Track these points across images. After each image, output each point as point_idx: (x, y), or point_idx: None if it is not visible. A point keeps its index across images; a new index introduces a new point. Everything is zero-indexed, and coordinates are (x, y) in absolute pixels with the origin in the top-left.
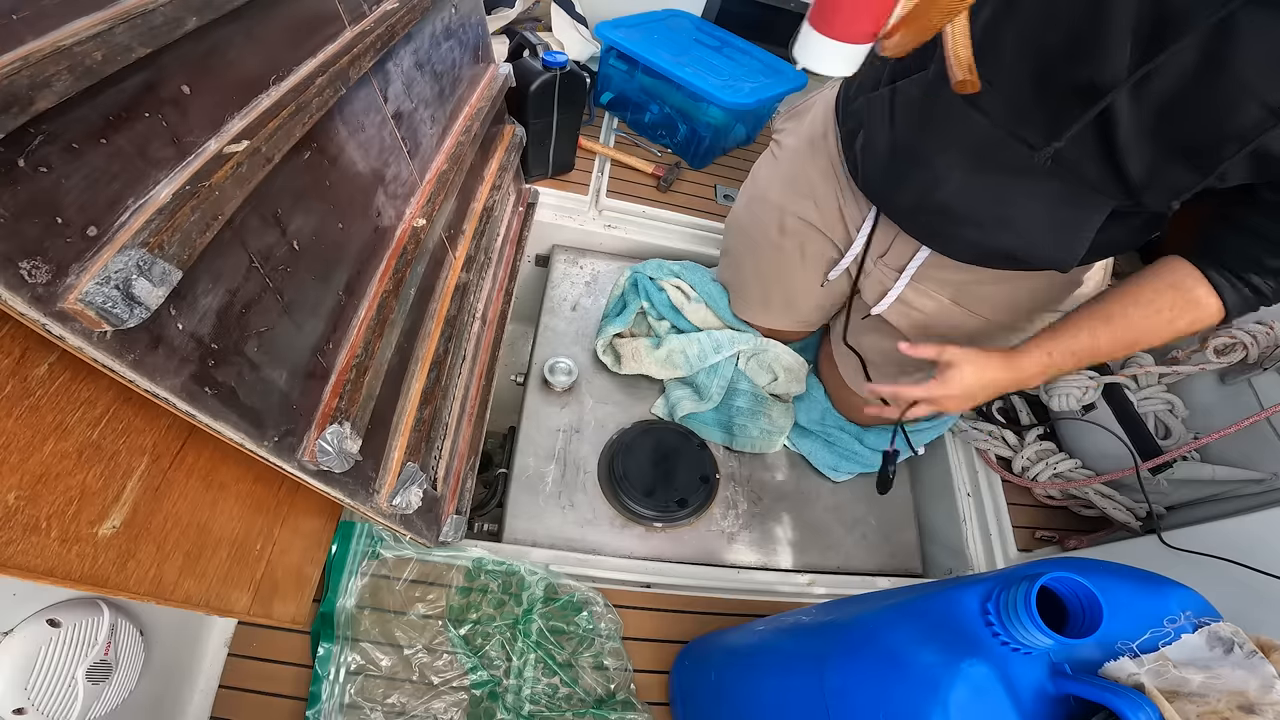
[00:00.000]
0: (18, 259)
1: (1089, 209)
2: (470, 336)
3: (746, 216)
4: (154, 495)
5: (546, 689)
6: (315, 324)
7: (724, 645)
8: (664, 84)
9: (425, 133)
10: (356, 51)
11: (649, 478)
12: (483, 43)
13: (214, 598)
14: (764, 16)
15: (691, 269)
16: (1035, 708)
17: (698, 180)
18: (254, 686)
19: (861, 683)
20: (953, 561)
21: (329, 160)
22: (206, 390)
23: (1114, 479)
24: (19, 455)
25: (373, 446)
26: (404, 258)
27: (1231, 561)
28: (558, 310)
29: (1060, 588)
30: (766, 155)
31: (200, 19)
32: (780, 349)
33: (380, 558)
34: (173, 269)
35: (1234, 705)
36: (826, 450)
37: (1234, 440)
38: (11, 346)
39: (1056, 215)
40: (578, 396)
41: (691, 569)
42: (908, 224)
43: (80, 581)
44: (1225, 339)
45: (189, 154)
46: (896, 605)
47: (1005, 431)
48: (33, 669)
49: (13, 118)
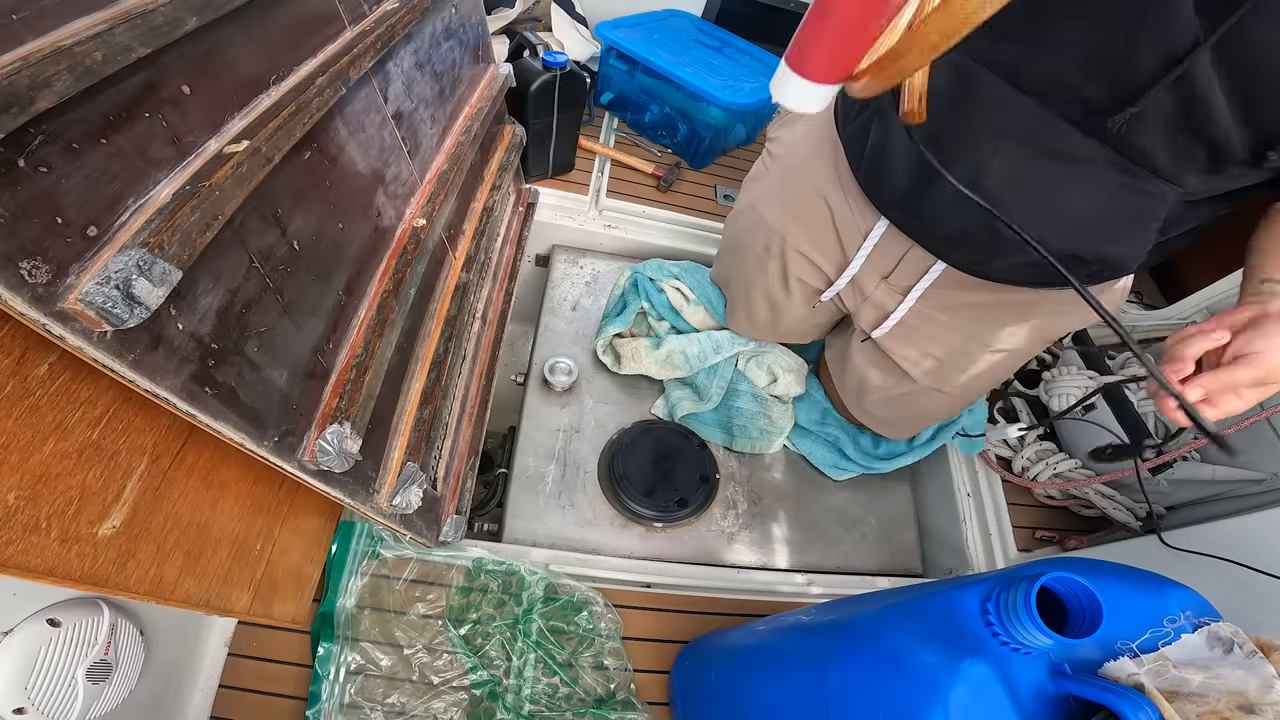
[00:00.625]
0: (18, 259)
1: (1152, 198)
2: (470, 336)
3: (738, 224)
4: (154, 495)
5: (546, 689)
6: (315, 324)
7: (724, 645)
8: (664, 84)
9: (425, 133)
10: (356, 51)
11: (649, 478)
12: (483, 43)
13: (214, 597)
14: (764, 16)
15: (691, 270)
16: (1035, 708)
17: (698, 180)
18: (254, 686)
19: (861, 682)
20: (953, 561)
21: (329, 160)
22: (206, 390)
23: (1114, 479)
24: (19, 455)
25: (373, 446)
26: (404, 258)
27: (1231, 561)
28: (558, 310)
29: (1060, 588)
30: (759, 164)
31: (200, 19)
32: (780, 351)
33: (380, 557)
34: (173, 269)
35: (1234, 705)
36: (826, 450)
37: (1234, 440)
38: (11, 346)
39: (1121, 204)
40: (578, 396)
41: (691, 569)
42: (933, 229)
43: (80, 581)
44: None
45: (189, 154)
46: (896, 605)
47: None
48: (33, 669)
49: (13, 118)
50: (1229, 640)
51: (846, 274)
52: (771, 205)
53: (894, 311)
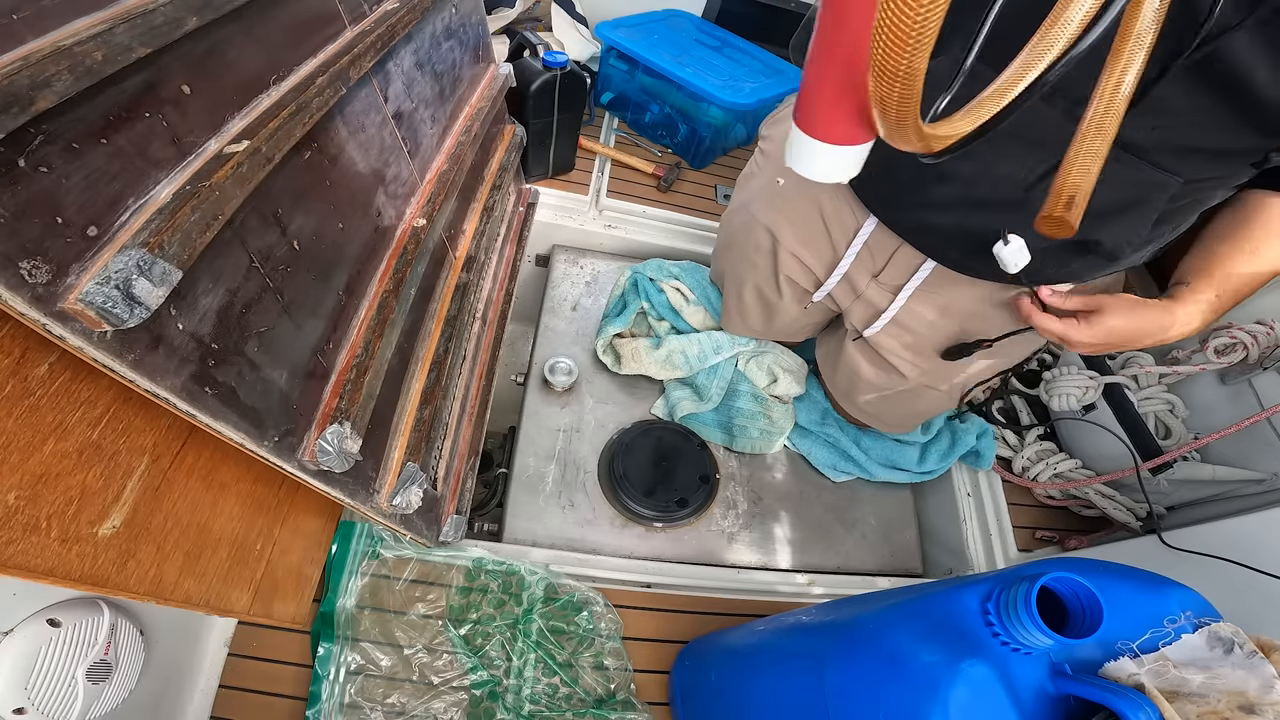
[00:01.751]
0: (18, 259)
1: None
2: (470, 336)
3: (732, 223)
4: (154, 495)
5: (546, 689)
6: (315, 324)
7: (724, 645)
8: (664, 84)
9: (425, 133)
10: (357, 51)
11: (649, 478)
12: (483, 43)
13: (214, 597)
14: (764, 16)
15: (691, 270)
16: (1035, 708)
17: (698, 180)
18: (254, 686)
19: (861, 682)
20: (953, 561)
21: (329, 160)
22: (206, 390)
23: (1114, 479)
24: (19, 455)
25: (373, 446)
26: (404, 258)
27: (1231, 561)
28: (558, 310)
29: (1060, 588)
30: (751, 163)
31: (200, 19)
32: (780, 351)
33: (380, 558)
34: (173, 269)
35: (1234, 705)
36: (826, 450)
37: (1234, 440)
38: (11, 346)
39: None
40: (578, 396)
41: (691, 569)
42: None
43: (80, 581)
44: (1225, 339)
45: (189, 154)
46: (896, 605)
47: (1005, 431)
48: (33, 669)
49: (13, 118)
50: (1229, 640)
51: (837, 272)
52: (763, 205)
53: (886, 310)
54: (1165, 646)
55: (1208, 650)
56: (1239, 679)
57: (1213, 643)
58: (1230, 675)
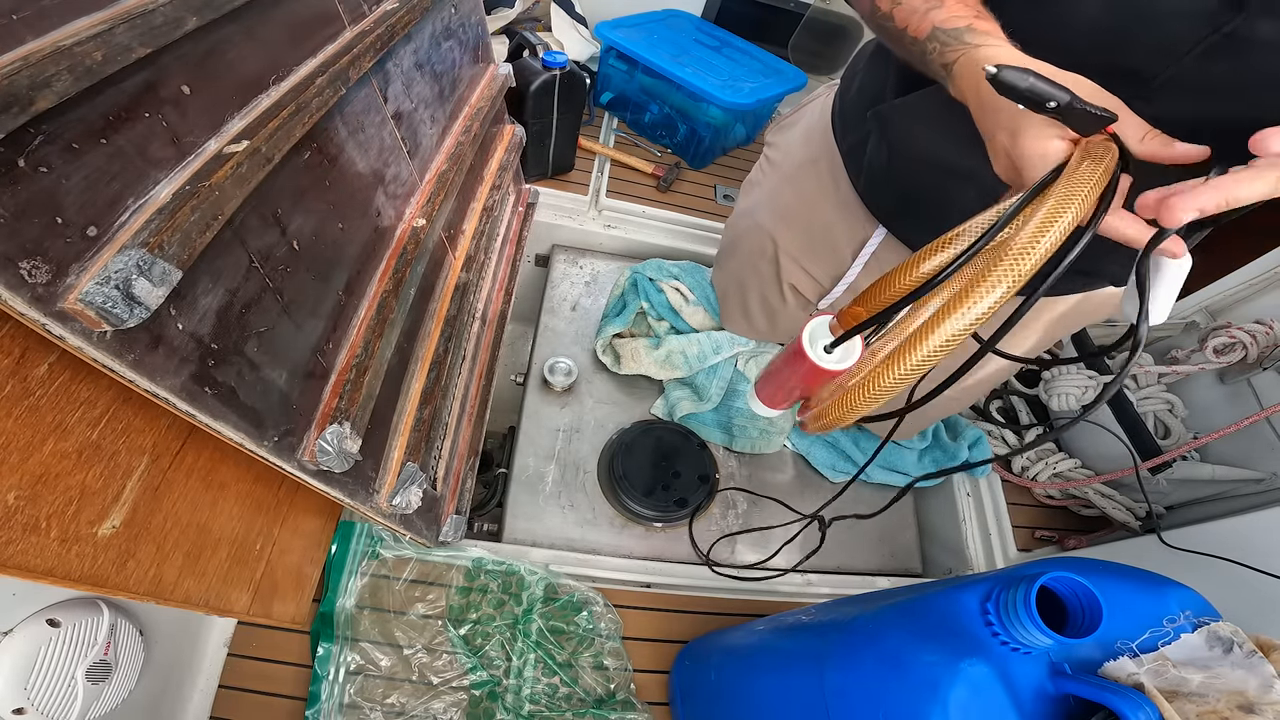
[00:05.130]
0: (18, 259)
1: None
2: (470, 336)
3: (736, 229)
4: (154, 495)
5: (546, 689)
6: (315, 324)
7: (724, 645)
8: (664, 84)
9: (425, 133)
10: (356, 51)
11: (649, 478)
12: (482, 43)
13: (214, 597)
14: (764, 16)
15: (691, 270)
16: (1035, 707)
17: (698, 180)
18: (254, 686)
19: (861, 682)
20: (952, 561)
21: (329, 160)
22: (206, 390)
23: (1114, 479)
24: (19, 455)
25: (373, 446)
26: (404, 258)
27: (1231, 561)
28: (558, 310)
29: (1060, 588)
30: (757, 169)
31: (200, 19)
32: (779, 351)
33: (380, 558)
34: (173, 269)
35: (1233, 705)
36: (826, 450)
37: (1233, 440)
38: (11, 346)
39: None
40: (578, 396)
41: (691, 569)
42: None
43: (80, 581)
44: (1225, 338)
45: (189, 154)
46: (896, 605)
47: (1005, 431)
48: (32, 669)
49: (13, 118)
50: (1229, 640)
51: (843, 283)
52: (767, 213)
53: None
54: (1165, 646)
55: (1207, 650)
56: (1238, 678)
57: (1212, 642)
58: (1229, 675)
